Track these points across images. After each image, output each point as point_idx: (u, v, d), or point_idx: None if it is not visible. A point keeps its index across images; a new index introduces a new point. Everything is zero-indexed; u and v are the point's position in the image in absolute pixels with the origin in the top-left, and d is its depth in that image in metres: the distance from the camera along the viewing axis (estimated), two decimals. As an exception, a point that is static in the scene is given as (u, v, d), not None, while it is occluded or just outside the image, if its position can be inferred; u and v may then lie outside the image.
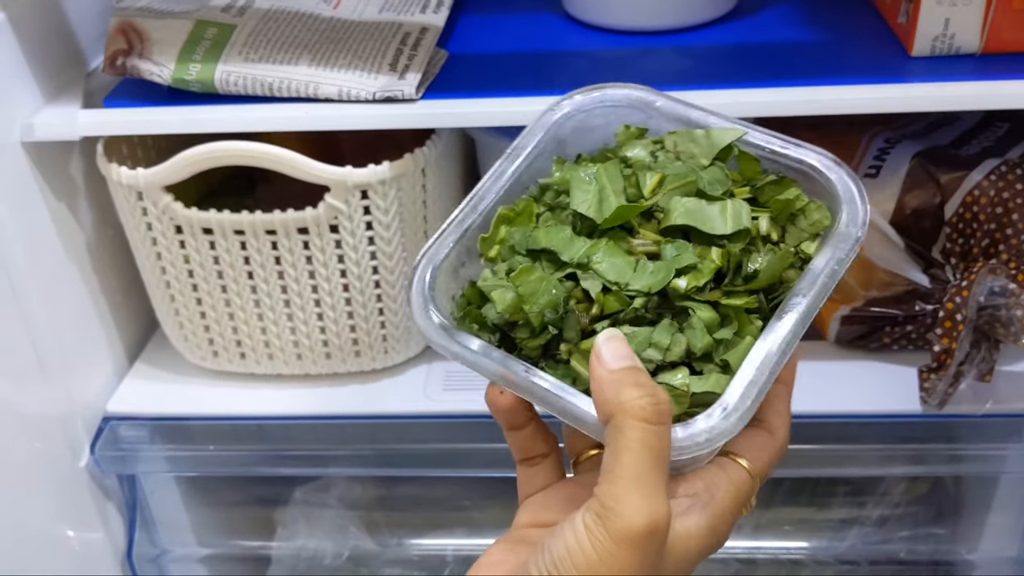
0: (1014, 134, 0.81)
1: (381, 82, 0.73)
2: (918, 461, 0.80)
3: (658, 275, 0.46)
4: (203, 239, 0.78)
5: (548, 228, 0.48)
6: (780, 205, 0.49)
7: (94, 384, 0.86)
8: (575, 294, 0.47)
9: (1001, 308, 0.72)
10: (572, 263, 0.47)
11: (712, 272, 0.46)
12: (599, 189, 0.49)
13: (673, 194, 0.48)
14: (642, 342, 0.45)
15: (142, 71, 0.75)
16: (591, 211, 0.48)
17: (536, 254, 0.48)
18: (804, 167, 0.52)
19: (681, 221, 0.47)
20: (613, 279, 0.46)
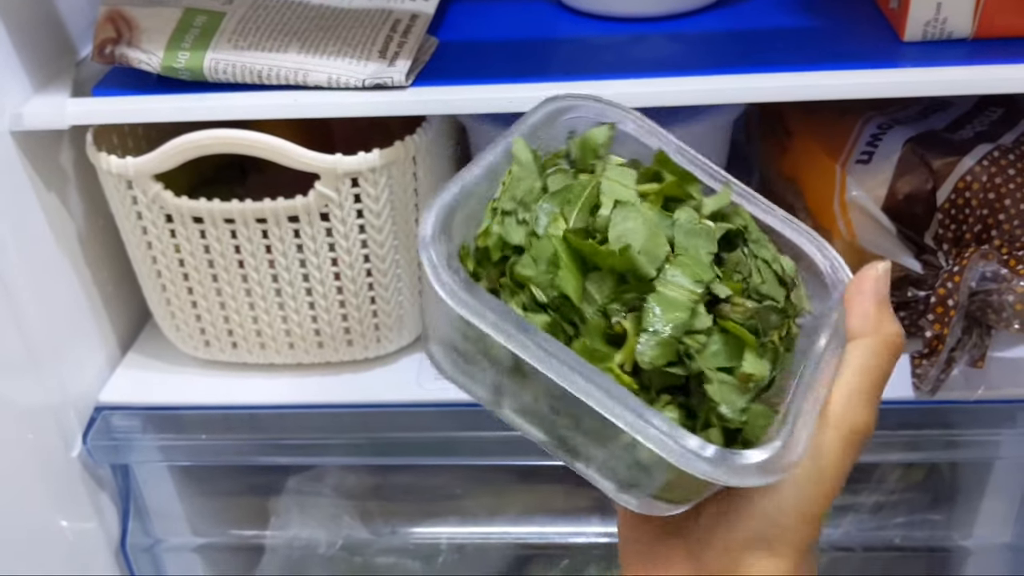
0: (1008, 119, 0.81)
1: (371, 69, 0.72)
2: (911, 447, 0.80)
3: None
4: (193, 228, 0.78)
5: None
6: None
7: (86, 374, 0.86)
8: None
9: (993, 293, 0.72)
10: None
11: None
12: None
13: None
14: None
15: (131, 59, 0.74)
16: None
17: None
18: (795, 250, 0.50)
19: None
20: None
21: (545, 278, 0.42)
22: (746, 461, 0.39)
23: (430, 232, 0.41)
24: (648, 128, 0.51)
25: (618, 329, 0.42)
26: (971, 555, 0.88)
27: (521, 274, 0.42)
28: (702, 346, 0.42)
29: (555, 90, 0.71)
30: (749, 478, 0.39)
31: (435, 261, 0.40)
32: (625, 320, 0.42)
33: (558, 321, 0.42)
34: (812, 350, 0.45)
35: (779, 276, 0.47)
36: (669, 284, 0.42)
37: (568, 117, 0.50)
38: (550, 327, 0.42)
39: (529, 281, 0.42)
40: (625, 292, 0.42)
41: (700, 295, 0.43)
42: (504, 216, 0.44)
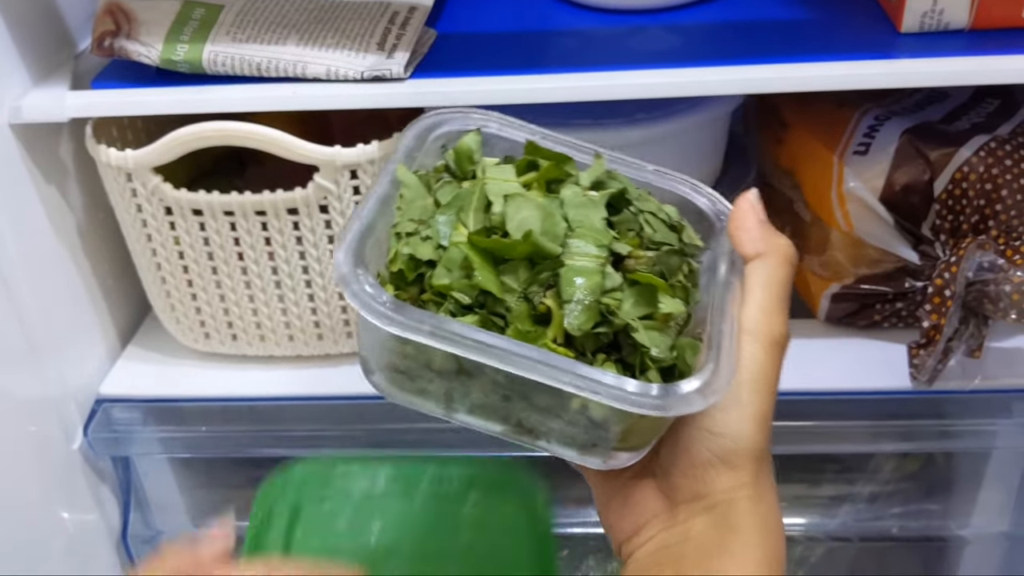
0: (1004, 110, 0.81)
1: (369, 61, 0.73)
2: (908, 437, 0.80)
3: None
4: (193, 220, 0.78)
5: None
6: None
7: (87, 367, 0.86)
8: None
9: (990, 284, 0.72)
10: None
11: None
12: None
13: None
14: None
15: (130, 52, 0.75)
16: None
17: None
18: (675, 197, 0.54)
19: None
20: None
21: (463, 282, 0.45)
22: (687, 390, 0.42)
23: (347, 269, 0.43)
24: (512, 124, 0.54)
25: (542, 308, 0.45)
26: (968, 544, 0.88)
27: (440, 284, 0.45)
28: (619, 302, 0.45)
29: (553, 82, 0.72)
30: (694, 404, 0.42)
31: (359, 293, 0.43)
32: (546, 298, 0.45)
33: (487, 317, 0.45)
34: (716, 279, 0.49)
35: (667, 223, 0.50)
36: (575, 256, 0.46)
37: (436, 133, 0.53)
38: (481, 324, 0.44)
39: (449, 289, 0.45)
40: (539, 274, 0.45)
41: (605, 258, 0.46)
42: (408, 237, 0.47)
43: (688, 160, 0.87)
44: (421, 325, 0.42)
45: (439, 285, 0.45)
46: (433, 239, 0.46)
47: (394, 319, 0.42)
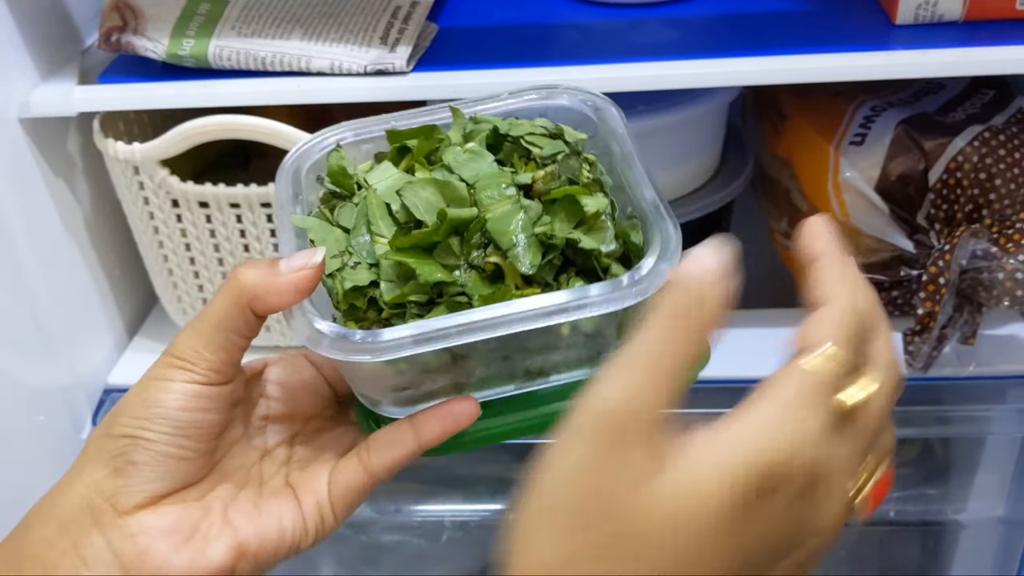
0: (998, 101, 0.82)
1: (372, 55, 0.74)
2: (905, 423, 0.81)
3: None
4: (199, 212, 0.80)
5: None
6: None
7: (95, 357, 0.88)
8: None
9: (983, 271, 0.73)
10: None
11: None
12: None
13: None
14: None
15: (136, 47, 0.76)
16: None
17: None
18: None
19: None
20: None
21: (411, 286, 0.46)
22: (648, 266, 0.44)
23: (309, 330, 0.45)
24: (365, 124, 0.56)
25: (489, 267, 0.47)
26: (964, 529, 0.89)
27: (392, 298, 0.47)
28: (550, 223, 0.47)
29: (553, 75, 0.73)
30: (662, 275, 0.43)
31: (334, 339, 0.44)
32: (489, 257, 0.47)
33: (452, 302, 0.46)
34: (614, 159, 0.51)
35: (546, 134, 0.52)
36: (489, 207, 0.48)
37: (305, 169, 0.54)
38: (450, 310, 0.46)
39: (404, 297, 0.46)
40: (470, 240, 0.47)
41: (515, 195, 0.48)
42: (339, 273, 0.48)
43: (687, 151, 0.89)
44: (403, 340, 0.43)
45: (392, 299, 0.46)
46: (362, 263, 0.48)
47: (377, 348, 0.43)
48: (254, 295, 0.46)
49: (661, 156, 0.87)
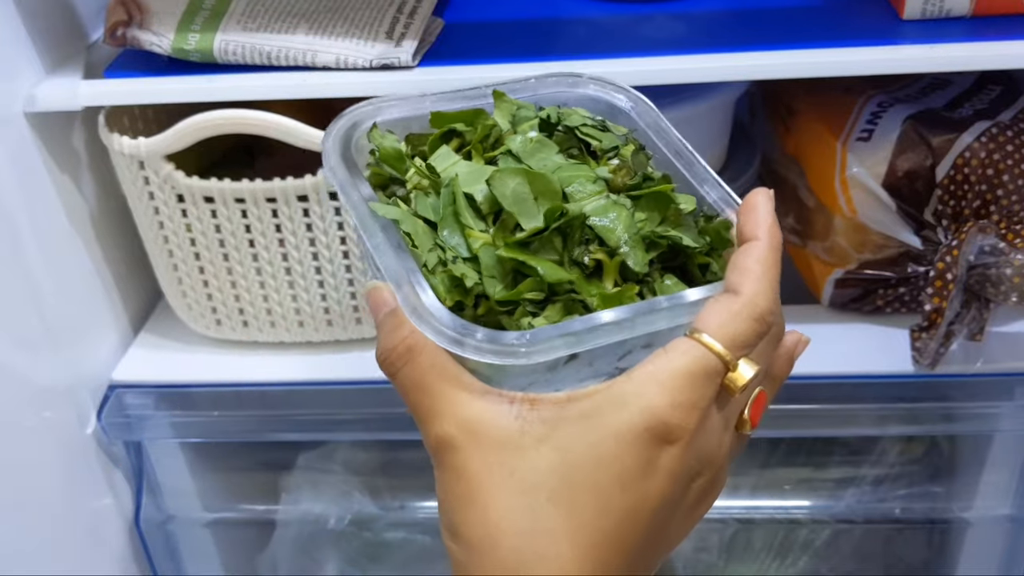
0: (1006, 97, 0.82)
1: (378, 50, 0.74)
2: (912, 420, 0.81)
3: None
4: (204, 208, 0.79)
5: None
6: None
7: (100, 353, 0.88)
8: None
9: (991, 267, 0.73)
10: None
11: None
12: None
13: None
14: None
15: (142, 42, 0.76)
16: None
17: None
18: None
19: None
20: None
21: (528, 283, 0.45)
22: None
23: (454, 332, 0.42)
24: (404, 103, 0.54)
25: (591, 264, 0.46)
26: (971, 527, 0.89)
27: (506, 295, 0.45)
28: (645, 220, 0.47)
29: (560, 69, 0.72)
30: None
31: (483, 340, 0.42)
32: (593, 253, 0.46)
33: (568, 300, 0.45)
34: (662, 154, 0.51)
35: (600, 126, 0.51)
36: (582, 201, 0.47)
37: (357, 136, 0.52)
38: (566, 309, 0.45)
39: (519, 295, 0.45)
40: (573, 236, 0.46)
41: (604, 188, 0.47)
42: (440, 270, 0.46)
43: (694, 146, 0.88)
44: (554, 342, 0.42)
45: (505, 296, 0.45)
46: (458, 257, 0.46)
47: (533, 351, 0.42)
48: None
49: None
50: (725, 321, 0.42)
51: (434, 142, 0.51)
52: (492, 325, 0.45)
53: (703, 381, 0.41)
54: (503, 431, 0.41)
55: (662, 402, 0.41)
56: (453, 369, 0.43)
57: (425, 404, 0.43)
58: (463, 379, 0.43)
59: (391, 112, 0.53)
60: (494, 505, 0.41)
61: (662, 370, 0.41)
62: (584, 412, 0.41)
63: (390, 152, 0.51)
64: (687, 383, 0.41)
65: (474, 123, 0.51)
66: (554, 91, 0.55)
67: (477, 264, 0.45)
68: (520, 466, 0.41)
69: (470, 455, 0.42)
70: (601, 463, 0.41)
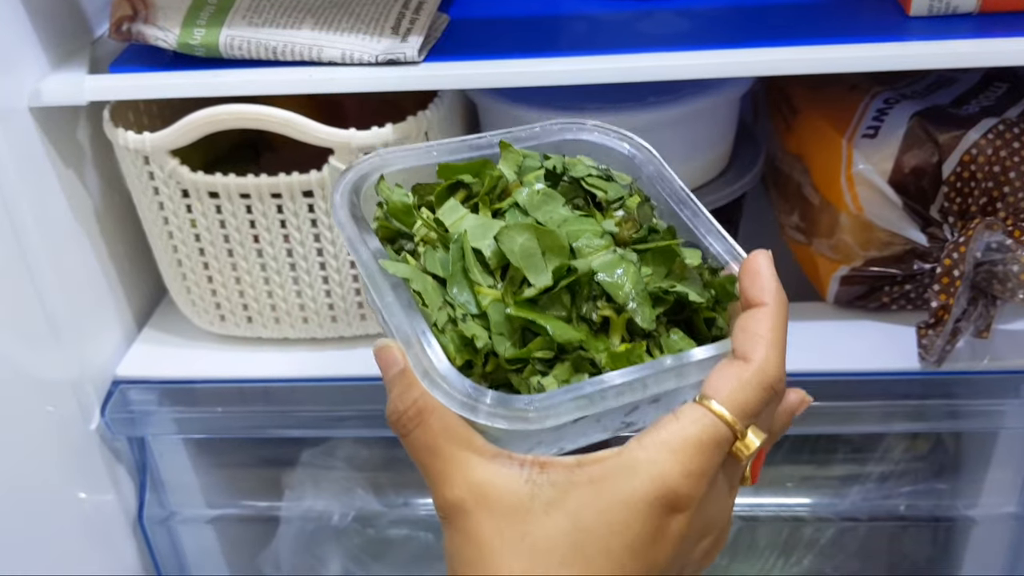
0: (1013, 94, 0.82)
1: (384, 45, 0.73)
2: (917, 417, 0.81)
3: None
4: (209, 203, 0.79)
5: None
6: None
7: (104, 349, 0.87)
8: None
9: (998, 264, 0.73)
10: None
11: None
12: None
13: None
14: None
15: (147, 36, 0.76)
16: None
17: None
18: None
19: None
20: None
21: (538, 342, 0.45)
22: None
23: (469, 388, 0.43)
24: (410, 154, 0.54)
25: (599, 319, 0.46)
26: (976, 525, 0.89)
27: (515, 355, 0.45)
28: (651, 275, 0.47)
29: (565, 65, 0.72)
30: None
31: (495, 405, 0.42)
32: (600, 310, 0.46)
33: (578, 358, 0.45)
34: (666, 203, 0.51)
35: (600, 175, 0.51)
36: (589, 255, 0.47)
37: (364, 193, 0.52)
38: (575, 367, 0.45)
39: (529, 353, 0.45)
40: (581, 293, 0.46)
41: (609, 242, 0.47)
42: (449, 328, 0.46)
43: (698, 144, 0.88)
44: (565, 406, 0.42)
45: (515, 355, 0.45)
46: (467, 315, 0.46)
47: (542, 415, 0.42)
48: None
49: (671, 149, 0.86)
50: (735, 389, 0.42)
51: (441, 194, 0.51)
52: (500, 382, 0.45)
53: (713, 450, 0.42)
54: (514, 495, 0.42)
55: (673, 471, 0.41)
56: (463, 432, 0.43)
57: (436, 467, 0.43)
58: (473, 442, 0.43)
59: (398, 163, 0.53)
60: (506, 570, 0.41)
61: (674, 438, 0.42)
62: (594, 477, 0.41)
63: (398, 206, 0.51)
64: (698, 452, 0.41)
65: (480, 174, 0.51)
66: (559, 139, 0.55)
67: (486, 321, 0.46)
68: (531, 531, 0.41)
69: (481, 519, 0.42)
70: (612, 530, 0.41)
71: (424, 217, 0.50)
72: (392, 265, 0.47)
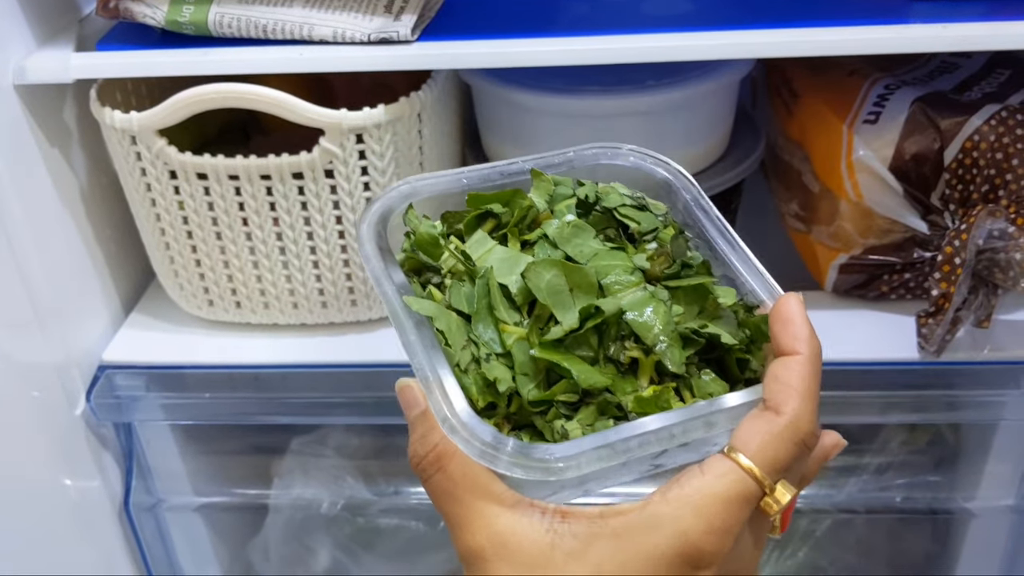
0: (1015, 80, 0.80)
1: (376, 23, 0.72)
2: (916, 408, 0.80)
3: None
4: (197, 184, 0.78)
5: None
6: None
7: (90, 333, 0.86)
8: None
9: (1000, 251, 0.72)
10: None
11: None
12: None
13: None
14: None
15: (135, 14, 0.74)
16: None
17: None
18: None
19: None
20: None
21: (562, 385, 0.44)
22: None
23: (490, 437, 0.42)
24: (440, 181, 0.53)
25: (627, 360, 0.45)
26: (974, 517, 0.88)
27: (539, 397, 0.44)
28: (682, 314, 0.45)
29: (561, 45, 0.71)
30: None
31: (515, 454, 0.41)
32: (628, 351, 0.45)
33: (603, 402, 0.44)
34: (701, 231, 0.50)
35: (633, 204, 0.50)
36: (618, 293, 0.46)
37: (390, 224, 0.51)
38: (600, 411, 0.44)
39: (553, 396, 0.44)
40: (609, 333, 0.45)
41: (640, 278, 0.46)
42: (473, 368, 0.45)
43: (698, 129, 0.87)
44: (586, 456, 0.41)
45: (538, 398, 0.44)
46: (492, 354, 0.45)
47: (562, 465, 0.41)
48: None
49: (671, 133, 0.85)
50: (766, 443, 0.41)
51: (470, 223, 0.50)
52: (524, 423, 0.44)
53: (740, 506, 0.40)
54: (534, 545, 0.41)
55: (697, 528, 0.40)
56: (484, 478, 0.42)
57: (456, 513, 0.43)
58: (494, 489, 0.42)
59: (427, 191, 0.52)
60: None
61: (698, 494, 0.40)
62: (617, 531, 0.41)
63: (425, 238, 0.50)
64: (723, 509, 0.40)
65: (511, 204, 0.50)
66: (594, 164, 0.54)
67: (510, 360, 0.45)
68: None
69: (501, 568, 0.41)
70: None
71: (451, 249, 0.49)
72: (416, 302, 0.46)
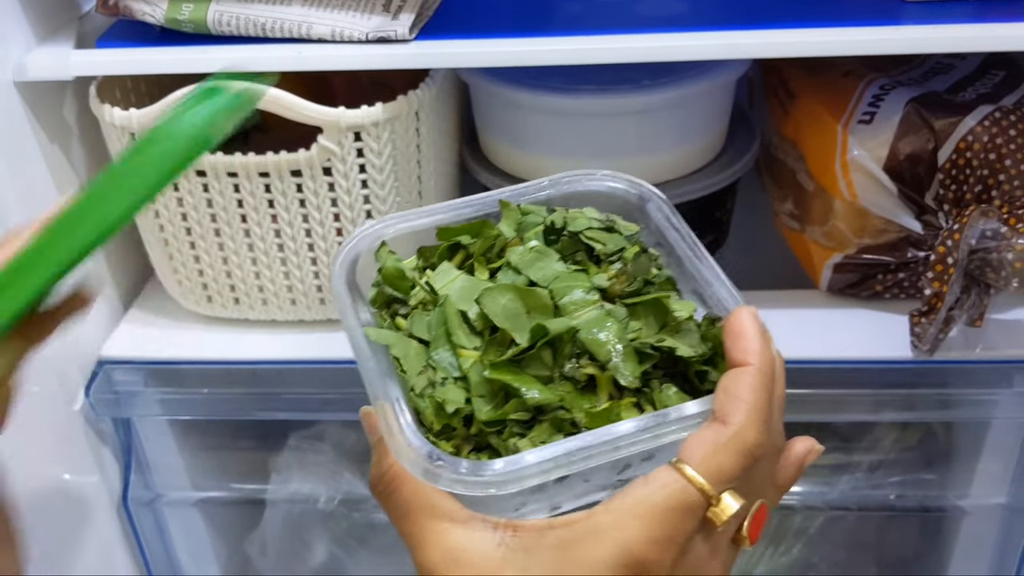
0: (1009, 81, 0.81)
1: (374, 22, 0.72)
2: (909, 406, 0.80)
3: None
4: (196, 181, 0.78)
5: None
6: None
7: (89, 328, 0.86)
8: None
9: (992, 251, 0.72)
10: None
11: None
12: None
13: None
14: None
15: (134, 11, 0.74)
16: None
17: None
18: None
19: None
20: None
21: (513, 403, 0.44)
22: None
23: (432, 454, 0.42)
24: (401, 217, 0.54)
25: (583, 378, 0.45)
26: (966, 515, 0.88)
27: (492, 416, 0.44)
28: (639, 329, 0.46)
29: (558, 44, 0.71)
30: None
31: (463, 472, 0.42)
32: (583, 367, 0.45)
33: (555, 419, 0.45)
34: (673, 251, 0.51)
35: (601, 227, 0.51)
36: (574, 312, 0.46)
37: (359, 267, 0.52)
38: (554, 427, 0.44)
39: (505, 415, 0.44)
40: (563, 351, 0.45)
41: (598, 298, 0.47)
42: (428, 393, 0.46)
43: (693, 129, 0.87)
44: (527, 471, 0.42)
45: (491, 418, 0.44)
46: (448, 378, 0.46)
47: (500, 478, 0.42)
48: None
49: (666, 132, 0.86)
50: (710, 453, 0.41)
51: (442, 255, 0.51)
52: (484, 444, 0.45)
53: (682, 516, 0.41)
54: (485, 559, 0.42)
55: (639, 537, 0.40)
56: (434, 497, 0.43)
57: (411, 533, 0.44)
58: (445, 507, 0.43)
59: (399, 225, 0.53)
60: None
61: (641, 504, 0.41)
62: (562, 541, 0.41)
63: (392, 272, 0.51)
64: (665, 518, 0.40)
65: (480, 234, 0.51)
66: (568, 190, 0.55)
67: (468, 383, 0.45)
68: None
69: None
70: None
71: (419, 280, 0.50)
72: (375, 332, 0.48)
